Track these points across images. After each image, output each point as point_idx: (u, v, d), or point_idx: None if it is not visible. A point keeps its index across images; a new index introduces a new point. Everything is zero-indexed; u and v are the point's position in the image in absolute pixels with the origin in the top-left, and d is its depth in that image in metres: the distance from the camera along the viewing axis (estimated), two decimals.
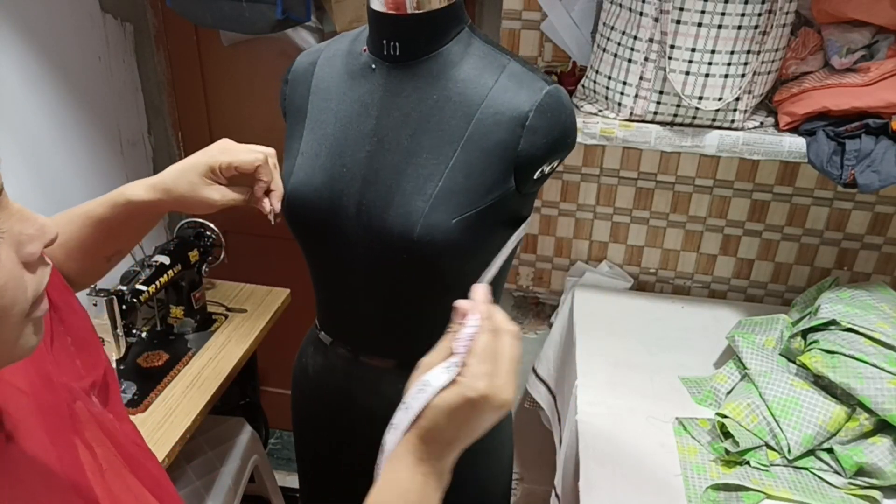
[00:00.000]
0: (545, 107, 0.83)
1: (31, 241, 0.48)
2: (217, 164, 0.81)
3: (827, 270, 1.68)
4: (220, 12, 1.59)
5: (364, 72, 0.90)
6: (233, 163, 0.81)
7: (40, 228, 0.49)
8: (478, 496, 1.10)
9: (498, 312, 0.63)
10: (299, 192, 0.92)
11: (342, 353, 1.04)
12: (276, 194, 0.86)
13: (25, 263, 0.48)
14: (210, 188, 0.81)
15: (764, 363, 1.29)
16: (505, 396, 0.59)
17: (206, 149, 0.83)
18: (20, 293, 0.47)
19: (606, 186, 1.68)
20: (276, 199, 0.86)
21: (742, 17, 1.18)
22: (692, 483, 1.15)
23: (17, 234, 0.47)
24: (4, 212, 0.47)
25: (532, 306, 1.91)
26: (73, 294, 0.74)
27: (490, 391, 0.58)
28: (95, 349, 0.72)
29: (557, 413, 1.63)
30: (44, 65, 1.61)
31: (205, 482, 1.72)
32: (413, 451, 0.60)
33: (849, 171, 1.24)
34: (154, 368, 1.61)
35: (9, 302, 0.46)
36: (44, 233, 0.49)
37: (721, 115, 1.29)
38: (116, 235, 0.85)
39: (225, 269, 1.84)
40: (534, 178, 0.87)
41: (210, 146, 0.83)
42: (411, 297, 0.93)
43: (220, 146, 0.83)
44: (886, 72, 1.22)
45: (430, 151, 0.86)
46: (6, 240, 0.46)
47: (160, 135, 2.08)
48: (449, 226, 0.84)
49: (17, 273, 0.47)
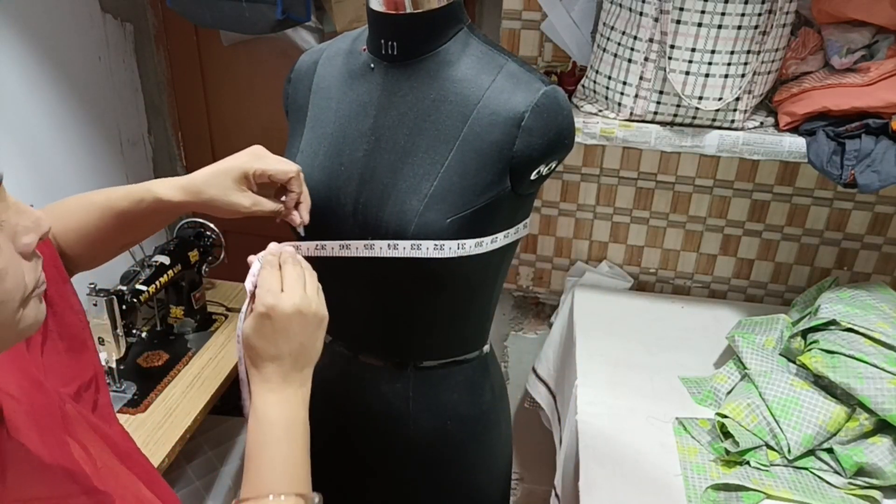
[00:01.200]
0: (541, 107, 0.83)
1: (27, 233, 0.50)
2: (252, 170, 0.80)
3: (827, 270, 1.68)
4: (220, 12, 1.59)
5: (363, 71, 0.90)
6: (267, 171, 0.80)
7: (36, 221, 0.51)
8: (477, 496, 1.10)
9: (282, 250, 0.76)
10: None
11: (341, 352, 1.04)
12: (305, 206, 0.86)
13: (21, 254, 0.50)
14: (242, 194, 0.80)
15: (764, 363, 1.29)
16: (293, 302, 0.69)
17: (238, 154, 0.82)
18: (20, 279, 0.49)
19: (606, 186, 1.68)
20: (305, 211, 0.86)
21: (742, 17, 1.18)
22: (692, 483, 1.15)
23: (13, 224, 0.49)
24: (3, 203, 0.49)
25: (532, 306, 1.91)
26: (70, 286, 0.74)
27: (276, 301, 0.69)
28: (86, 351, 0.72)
29: (557, 413, 1.63)
30: (44, 65, 1.61)
31: (205, 482, 1.72)
32: (254, 380, 0.70)
33: (849, 171, 1.24)
34: (154, 368, 1.61)
35: (10, 286, 0.48)
36: (39, 225, 0.51)
37: (721, 115, 1.29)
38: (136, 229, 0.85)
39: (225, 269, 1.84)
40: (530, 179, 0.87)
41: (242, 152, 0.82)
42: (407, 296, 0.93)
43: (254, 153, 0.82)
44: (886, 72, 1.22)
45: (426, 151, 0.86)
46: (4, 229, 0.48)
47: (160, 135, 2.08)
48: (443, 225, 0.84)
49: (15, 261, 0.49)
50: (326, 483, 1.16)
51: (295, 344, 0.70)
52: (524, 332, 1.93)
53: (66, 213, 0.82)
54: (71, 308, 0.72)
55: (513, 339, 1.94)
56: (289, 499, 0.64)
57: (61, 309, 0.70)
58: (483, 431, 1.06)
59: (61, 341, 0.70)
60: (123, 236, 0.86)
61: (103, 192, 0.83)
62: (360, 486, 1.10)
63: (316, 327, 0.72)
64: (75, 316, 0.72)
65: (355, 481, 1.10)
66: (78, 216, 0.81)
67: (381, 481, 1.08)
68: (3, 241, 0.48)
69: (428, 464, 1.05)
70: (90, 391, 0.70)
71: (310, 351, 0.72)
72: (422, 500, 1.08)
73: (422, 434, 1.02)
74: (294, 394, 0.70)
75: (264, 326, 0.69)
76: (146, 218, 0.83)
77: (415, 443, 1.03)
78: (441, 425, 1.02)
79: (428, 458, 1.05)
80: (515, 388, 1.94)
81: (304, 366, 0.72)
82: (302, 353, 0.71)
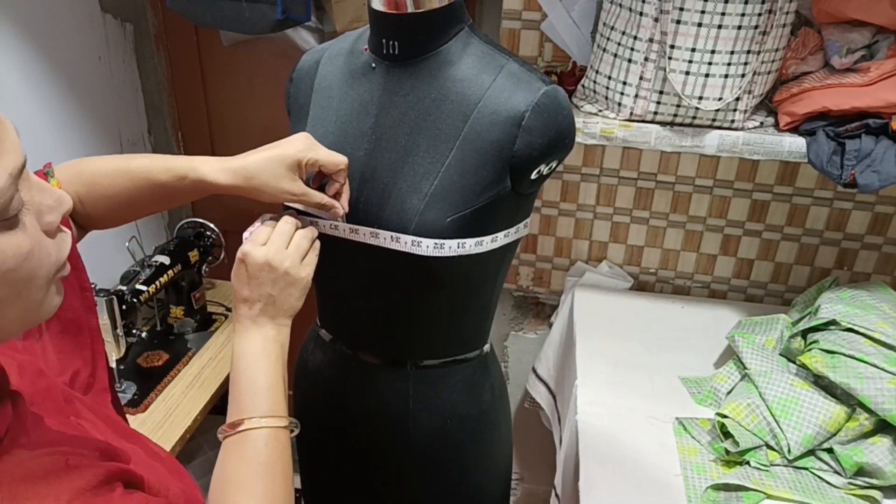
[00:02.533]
0: (542, 107, 0.83)
1: (50, 211, 0.52)
2: (305, 159, 0.81)
3: (827, 270, 1.68)
4: (220, 12, 1.59)
5: (364, 71, 0.91)
6: (319, 160, 0.81)
7: (58, 199, 0.53)
8: (477, 496, 1.10)
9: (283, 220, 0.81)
10: None
11: (342, 350, 1.05)
12: (346, 196, 0.87)
13: (46, 231, 0.52)
14: (292, 182, 0.81)
15: (764, 363, 1.29)
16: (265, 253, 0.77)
17: (289, 140, 0.82)
18: (45, 257, 0.51)
19: (606, 186, 1.68)
20: (346, 202, 0.87)
21: (742, 17, 1.18)
22: (692, 483, 1.15)
23: (37, 203, 0.51)
24: (26, 183, 0.50)
25: (532, 306, 1.91)
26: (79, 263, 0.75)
27: (251, 249, 0.77)
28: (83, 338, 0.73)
29: (557, 413, 1.63)
30: (44, 65, 1.61)
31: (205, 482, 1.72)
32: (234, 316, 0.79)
33: (849, 171, 1.24)
34: (154, 368, 1.61)
35: (36, 265, 0.50)
36: (61, 203, 0.53)
37: (721, 115, 1.29)
38: (171, 201, 0.86)
39: (225, 269, 1.83)
40: (531, 179, 0.87)
41: (293, 139, 0.83)
42: (406, 294, 0.93)
43: (305, 142, 0.82)
44: (886, 72, 1.22)
45: (427, 150, 0.86)
46: (31, 209, 0.50)
47: (160, 135, 2.08)
48: (443, 224, 0.84)
49: (40, 238, 0.51)
50: (326, 481, 1.17)
51: (263, 292, 0.77)
52: (524, 332, 1.93)
53: (97, 177, 0.82)
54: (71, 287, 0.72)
55: (513, 339, 1.95)
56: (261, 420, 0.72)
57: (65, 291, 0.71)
58: (483, 431, 1.06)
59: (57, 324, 0.71)
60: (156, 206, 0.87)
61: (141, 158, 0.83)
62: (360, 485, 1.10)
63: (287, 284, 0.78)
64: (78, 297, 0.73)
65: (355, 480, 1.11)
66: (111, 181, 0.82)
67: (381, 480, 1.09)
68: (30, 221, 0.50)
69: (428, 463, 1.05)
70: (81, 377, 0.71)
71: (281, 304, 0.78)
72: (421, 500, 1.08)
73: (421, 433, 1.02)
74: (264, 336, 0.77)
75: (239, 269, 0.78)
76: (184, 194, 0.83)
77: (414, 442, 1.03)
78: (441, 425, 1.02)
79: (428, 457, 1.05)
80: (515, 388, 1.94)
81: (274, 315, 0.78)
82: (271, 304, 0.78)
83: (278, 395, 0.75)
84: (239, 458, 0.71)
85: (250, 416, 0.72)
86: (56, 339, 0.70)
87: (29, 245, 0.49)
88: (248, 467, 0.70)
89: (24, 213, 0.49)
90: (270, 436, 0.72)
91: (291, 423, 0.75)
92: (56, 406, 0.61)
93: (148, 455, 0.65)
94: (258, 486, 0.69)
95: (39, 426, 0.56)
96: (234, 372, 0.76)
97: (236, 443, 0.72)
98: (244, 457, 0.70)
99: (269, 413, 0.73)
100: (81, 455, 0.53)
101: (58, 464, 0.51)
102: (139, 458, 0.61)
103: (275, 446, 0.72)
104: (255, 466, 0.70)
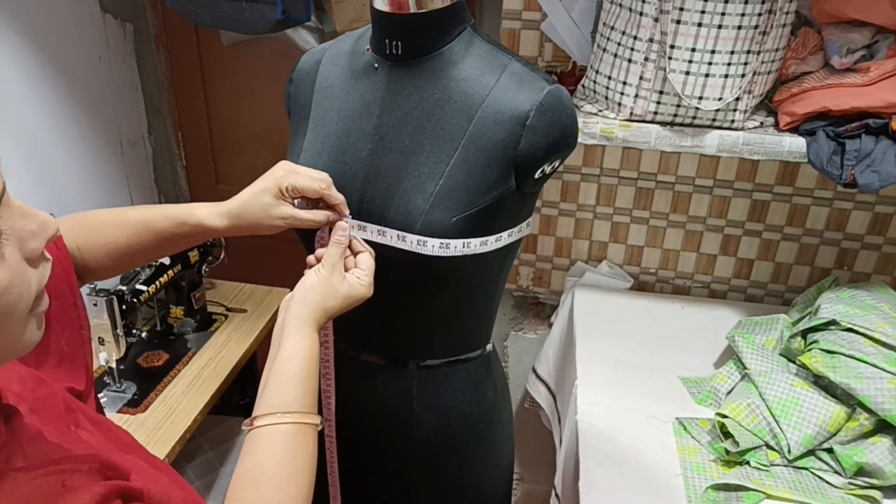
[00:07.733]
0: (546, 106, 0.83)
1: (33, 238, 0.50)
2: (284, 185, 0.82)
3: (827, 270, 1.68)
4: (220, 12, 1.59)
5: (367, 71, 0.91)
6: (297, 185, 0.82)
7: (41, 224, 0.50)
8: (480, 494, 1.10)
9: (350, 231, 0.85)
10: None
11: (343, 351, 1.04)
12: (343, 204, 0.87)
13: (28, 259, 0.49)
14: (282, 206, 0.82)
15: (764, 363, 1.29)
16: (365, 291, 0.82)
17: (269, 172, 0.84)
18: (25, 289, 0.48)
19: (606, 186, 1.68)
20: (344, 208, 0.87)
21: (742, 17, 1.18)
22: (692, 483, 1.15)
23: (19, 230, 0.49)
24: (6, 209, 0.48)
25: (532, 306, 1.91)
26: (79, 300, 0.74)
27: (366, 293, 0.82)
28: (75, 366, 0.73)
29: (557, 413, 1.63)
30: (44, 65, 1.61)
31: (205, 482, 1.72)
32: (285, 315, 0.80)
33: (849, 171, 1.24)
34: (154, 368, 1.61)
35: (15, 299, 0.47)
36: (45, 228, 0.51)
37: (721, 115, 1.29)
38: (171, 248, 0.87)
39: (225, 269, 1.84)
40: (534, 178, 0.87)
41: (271, 170, 0.84)
42: (410, 293, 0.93)
43: (284, 168, 0.84)
44: (886, 72, 1.22)
45: (431, 150, 0.86)
46: (11, 238, 0.48)
47: (160, 135, 2.08)
48: (448, 224, 0.84)
49: (21, 270, 0.48)
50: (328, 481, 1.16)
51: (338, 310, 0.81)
52: (524, 332, 1.93)
53: (96, 227, 0.83)
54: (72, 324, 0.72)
55: (513, 339, 1.95)
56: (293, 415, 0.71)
57: (61, 325, 0.71)
58: (486, 430, 1.06)
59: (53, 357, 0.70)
60: (155, 253, 0.88)
61: (140, 209, 0.85)
62: (363, 485, 1.10)
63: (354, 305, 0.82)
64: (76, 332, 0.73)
65: (358, 480, 1.10)
66: (110, 231, 0.83)
67: (384, 480, 1.08)
68: (11, 251, 0.48)
69: (431, 462, 1.05)
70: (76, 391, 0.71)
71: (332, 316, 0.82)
72: (424, 499, 1.08)
73: (425, 433, 1.02)
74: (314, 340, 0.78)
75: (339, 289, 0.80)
76: (185, 239, 0.85)
77: (417, 442, 1.03)
78: (444, 424, 1.02)
79: (431, 456, 1.05)
80: (515, 388, 1.94)
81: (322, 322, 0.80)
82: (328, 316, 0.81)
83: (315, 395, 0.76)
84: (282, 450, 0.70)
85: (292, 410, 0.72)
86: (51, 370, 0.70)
87: (8, 278, 0.47)
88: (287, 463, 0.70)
89: (4, 244, 0.47)
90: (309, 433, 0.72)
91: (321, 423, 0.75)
92: (57, 414, 0.60)
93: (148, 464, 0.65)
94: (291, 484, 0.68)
95: (37, 441, 0.54)
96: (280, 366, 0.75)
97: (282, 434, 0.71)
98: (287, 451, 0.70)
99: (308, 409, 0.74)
100: (79, 473, 0.52)
101: (55, 486, 0.50)
102: (140, 469, 0.60)
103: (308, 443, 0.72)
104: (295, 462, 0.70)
